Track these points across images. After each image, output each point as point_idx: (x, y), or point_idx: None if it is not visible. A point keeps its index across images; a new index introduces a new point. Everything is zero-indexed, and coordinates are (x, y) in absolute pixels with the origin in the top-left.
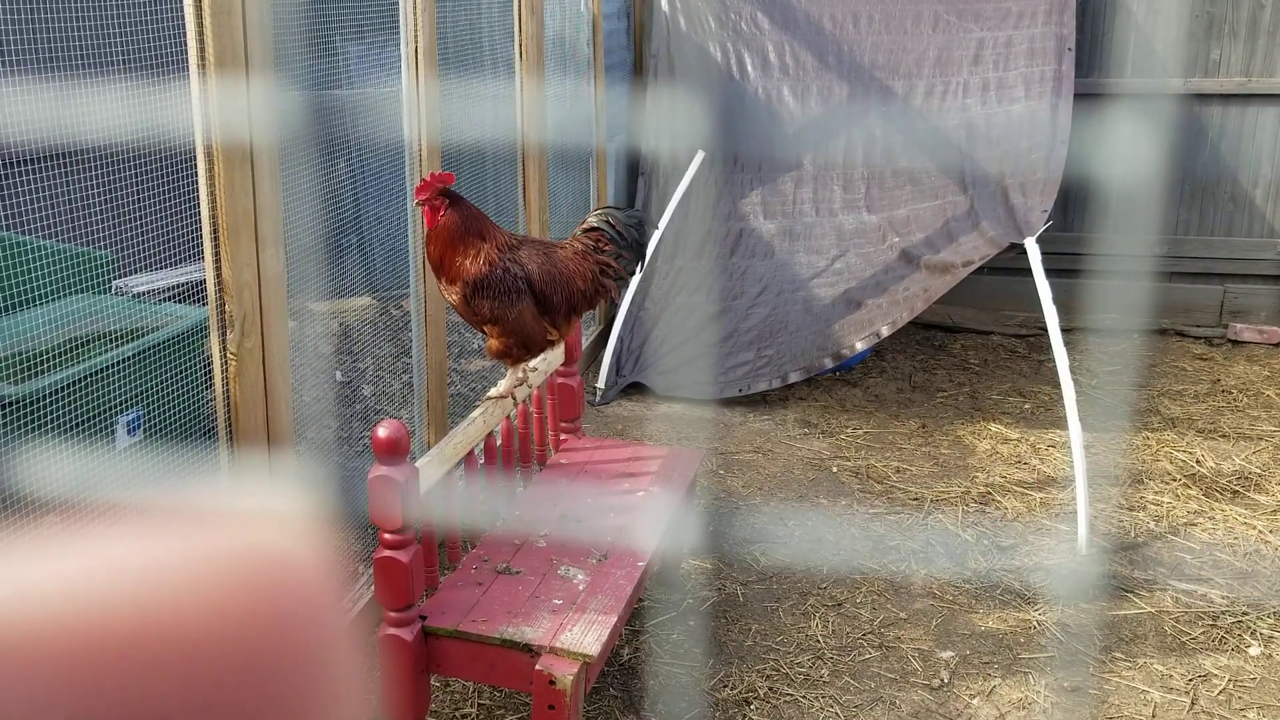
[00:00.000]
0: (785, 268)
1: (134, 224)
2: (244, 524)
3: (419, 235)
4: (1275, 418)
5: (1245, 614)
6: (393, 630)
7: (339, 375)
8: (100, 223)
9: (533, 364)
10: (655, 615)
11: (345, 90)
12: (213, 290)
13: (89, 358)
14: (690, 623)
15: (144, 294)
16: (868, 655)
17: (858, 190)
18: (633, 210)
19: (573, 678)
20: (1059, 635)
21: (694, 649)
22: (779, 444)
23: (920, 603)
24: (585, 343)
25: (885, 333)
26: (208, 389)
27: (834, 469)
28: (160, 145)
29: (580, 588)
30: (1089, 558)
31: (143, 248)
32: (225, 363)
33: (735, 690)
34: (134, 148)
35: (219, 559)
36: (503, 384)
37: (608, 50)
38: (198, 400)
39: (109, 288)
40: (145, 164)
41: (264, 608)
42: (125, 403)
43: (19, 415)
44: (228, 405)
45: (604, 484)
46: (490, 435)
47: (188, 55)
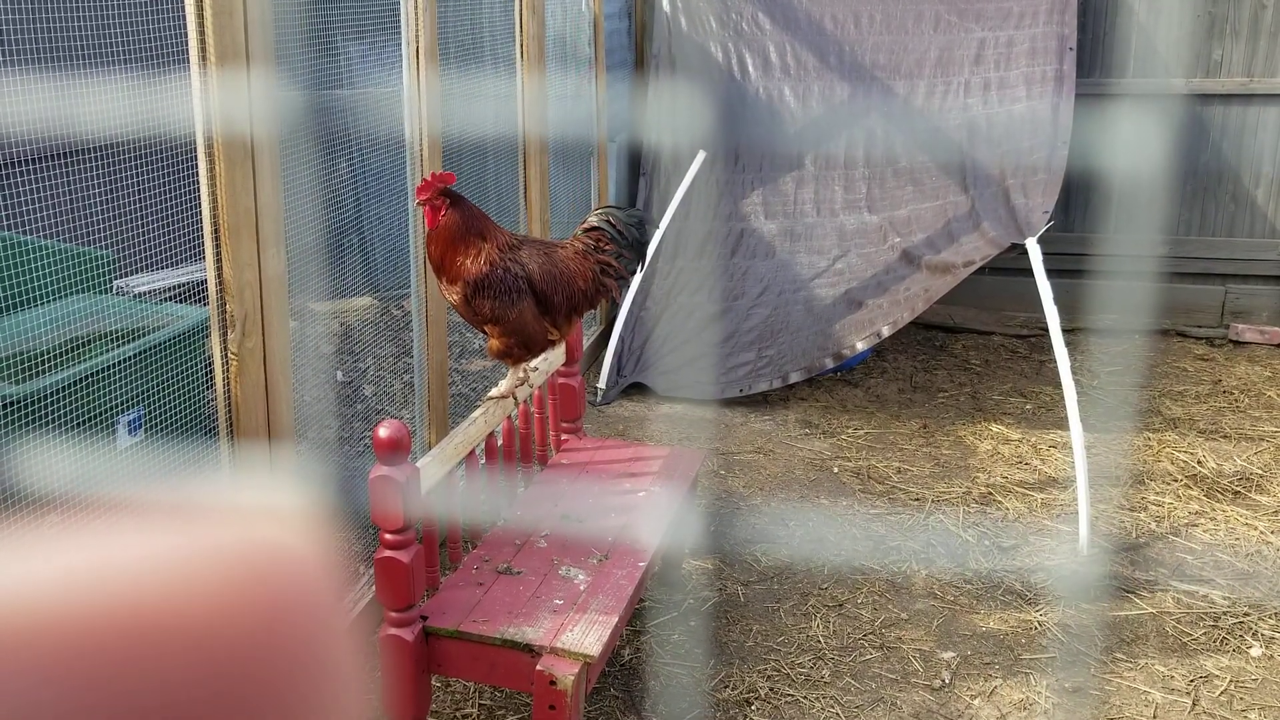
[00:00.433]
0: (786, 268)
1: (135, 224)
2: (244, 520)
3: (420, 235)
4: (1277, 418)
5: (1246, 615)
6: (394, 630)
7: (340, 375)
8: (101, 222)
9: (534, 364)
10: (656, 615)
11: (346, 90)
12: (214, 290)
13: (90, 357)
14: (691, 623)
15: (145, 294)
16: (869, 656)
17: (859, 190)
18: (633, 210)
19: (574, 678)
20: (1060, 636)
21: (695, 649)
22: (780, 444)
23: (921, 603)
24: (586, 343)
25: (886, 333)
26: (209, 389)
27: (835, 469)
28: (161, 144)
29: (581, 588)
30: (1090, 558)
31: (144, 247)
32: (226, 362)
33: (736, 691)
34: (135, 147)
35: (219, 554)
36: (504, 384)
37: (609, 50)
38: (199, 400)
39: (110, 287)
40: (146, 163)
41: (264, 603)
42: (126, 402)
43: (20, 414)
44: (229, 405)
45: (605, 484)
46: (491, 435)
47: (188, 53)
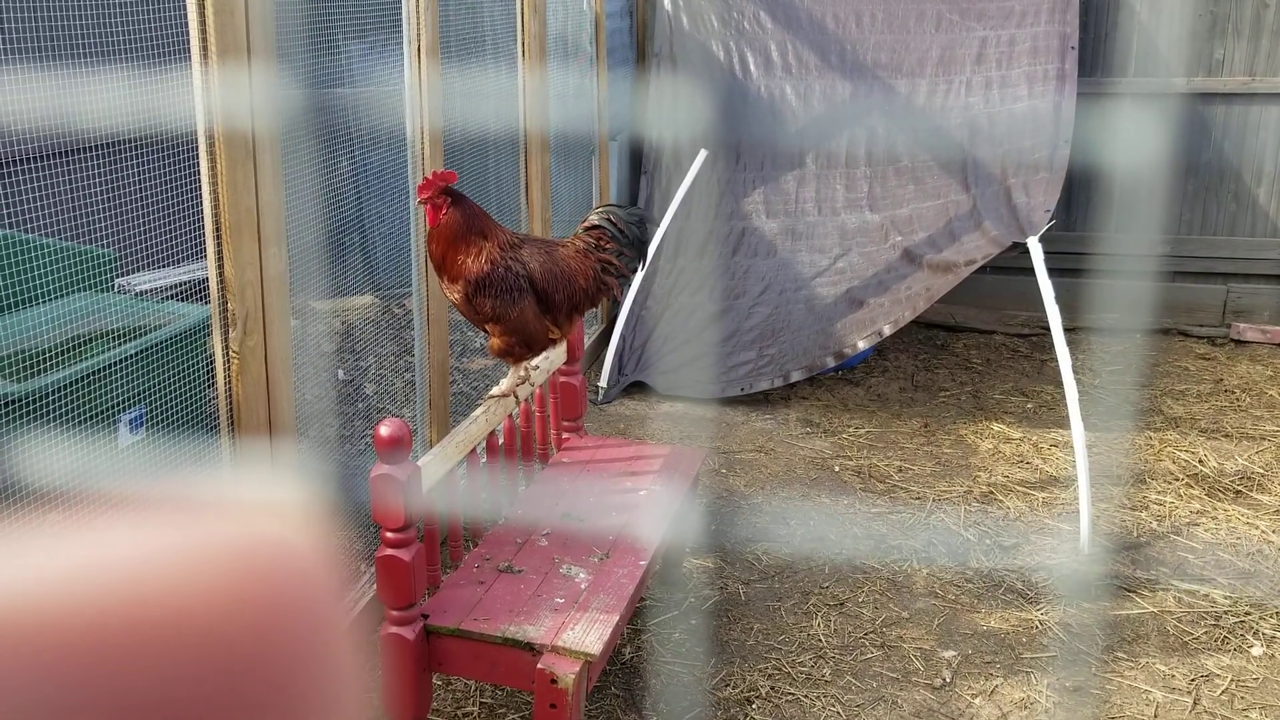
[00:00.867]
0: (787, 267)
1: (136, 222)
2: (245, 517)
3: (421, 234)
4: (1278, 418)
5: (1248, 614)
6: (395, 629)
7: (341, 374)
8: (102, 220)
9: (535, 362)
10: (657, 614)
11: (347, 87)
12: (215, 289)
13: (92, 356)
14: (692, 622)
15: (146, 292)
16: (870, 654)
17: (860, 189)
18: (634, 208)
19: (575, 676)
20: (1061, 635)
21: (696, 648)
22: (781, 443)
23: (922, 602)
24: (587, 341)
25: (887, 332)
26: (210, 387)
27: (836, 468)
28: (162, 143)
29: (582, 586)
30: (1091, 557)
31: (145, 246)
32: (228, 361)
33: (737, 689)
34: (136, 145)
35: (220, 551)
36: (505, 382)
37: (610, 49)
38: (200, 398)
39: (111, 286)
40: (147, 161)
41: (265, 600)
42: (128, 400)
43: (22, 413)
44: (230, 403)
45: (606, 483)
46: (492, 434)
47: (189, 49)
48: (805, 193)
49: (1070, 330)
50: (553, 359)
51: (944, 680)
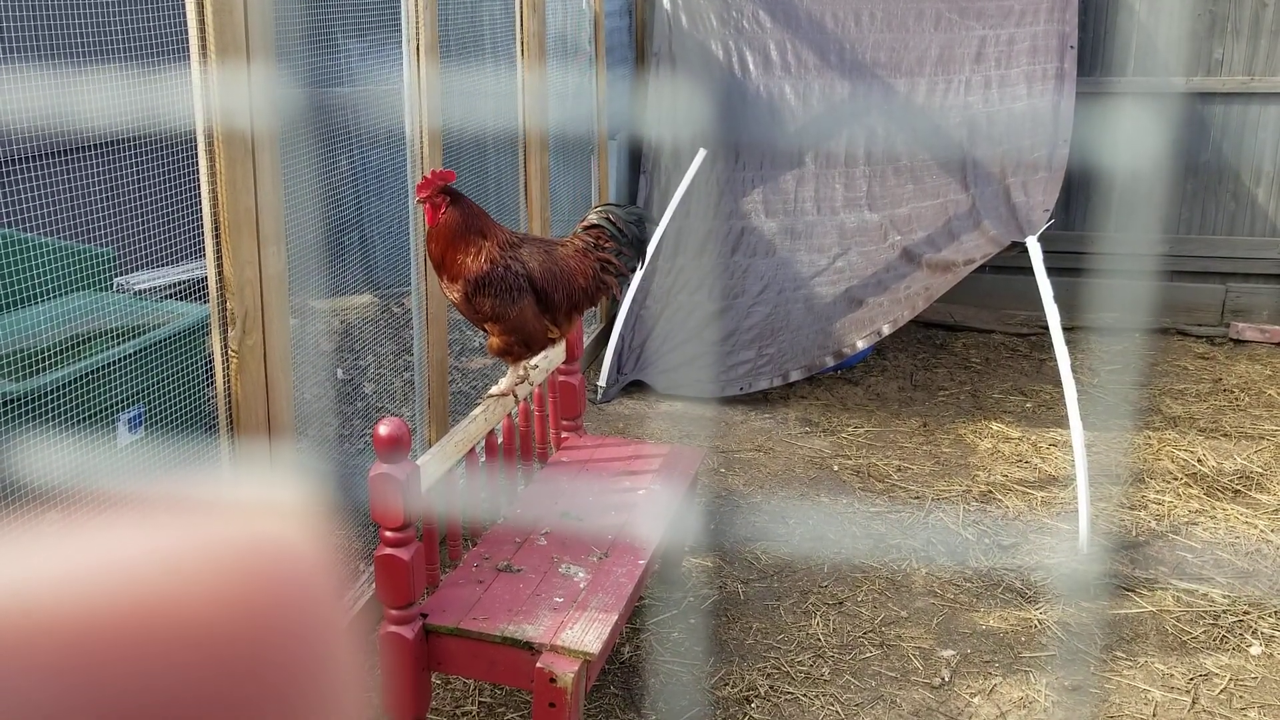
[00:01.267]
0: (787, 266)
1: (135, 221)
2: (243, 515)
3: (420, 233)
4: (1277, 417)
5: (1246, 613)
6: (394, 628)
7: (340, 373)
8: (101, 219)
9: (534, 362)
10: (656, 613)
11: (347, 87)
12: (214, 288)
13: (90, 355)
14: (691, 621)
15: (145, 291)
16: (868, 654)
17: (859, 188)
18: (633, 207)
19: (574, 675)
20: (1060, 634)
21: (695, 647)
22: (780, 442)
23: (921, 601)
24: (586, 341)
25: (886, 331)
26: (209, 386)
27: (835, 467)
28: (161, 142)
29: (581, 586)
30: (1090, 556)
31: (144, 245)
32: (227, 360)
33: (736, 688)
34: (135, 144)
35: (219, 550)
36: (504, 382)
37: (609, 48)
38: (199, 397)
39: (110, 285)
40: (146, 161)
41: (264, 599)
42: (127, 399)
43: (21, 412)
44: (229, 402)
45: (605, 482)
46: (491, 433)
47: (188, 48)
48: (804, 192)
49: (1069, 330)
50: (552, 358)
51: (943, 679)
